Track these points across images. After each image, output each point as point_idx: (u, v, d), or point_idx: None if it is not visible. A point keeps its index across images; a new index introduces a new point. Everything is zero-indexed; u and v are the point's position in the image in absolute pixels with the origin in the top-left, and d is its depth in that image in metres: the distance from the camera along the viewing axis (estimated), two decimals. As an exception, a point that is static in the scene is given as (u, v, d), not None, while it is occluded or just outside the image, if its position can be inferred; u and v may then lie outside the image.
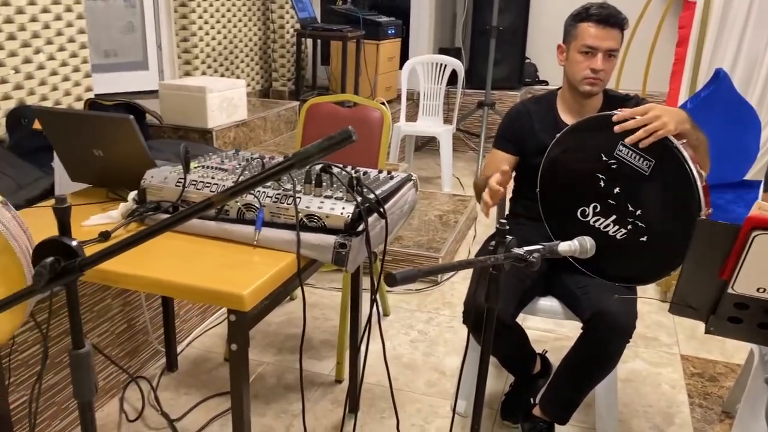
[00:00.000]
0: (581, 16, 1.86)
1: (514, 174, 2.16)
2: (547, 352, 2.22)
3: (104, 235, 1.47)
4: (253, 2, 4.60)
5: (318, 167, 1.53)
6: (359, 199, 1.45)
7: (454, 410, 2.13)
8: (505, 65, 5.32)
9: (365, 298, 2.88)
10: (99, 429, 2.01)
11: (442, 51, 5.57)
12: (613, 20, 1.82)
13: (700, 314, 1.14)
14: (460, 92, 4.57)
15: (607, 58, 1.85)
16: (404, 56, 5.14)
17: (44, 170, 2.48)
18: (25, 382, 1.79)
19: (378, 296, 2.75)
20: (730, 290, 1.05)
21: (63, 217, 0.88)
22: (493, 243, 1.25)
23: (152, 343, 2.32)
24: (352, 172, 1.56)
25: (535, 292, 1.96)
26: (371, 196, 1.49)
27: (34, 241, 1.12)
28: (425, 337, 2.61)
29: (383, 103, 4.66)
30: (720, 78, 2.99)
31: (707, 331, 1.16)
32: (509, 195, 2.20)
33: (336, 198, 1.47)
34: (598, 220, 1.80)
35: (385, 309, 2.76)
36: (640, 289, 1.99)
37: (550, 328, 2.63)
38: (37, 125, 2.59)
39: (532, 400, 2.01)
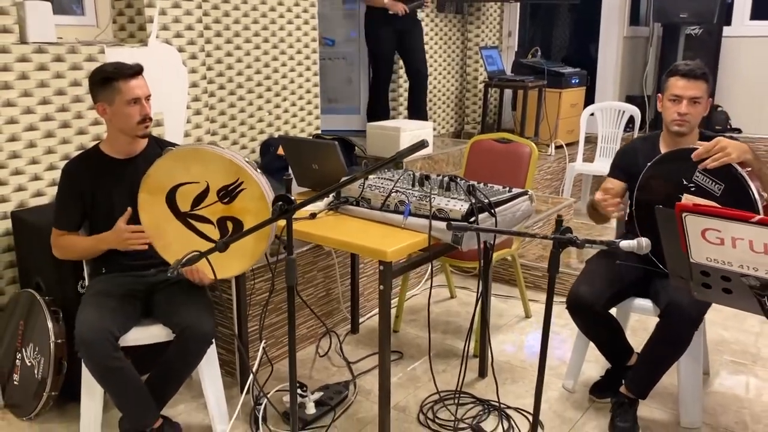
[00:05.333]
0: (671, 72, 2.35)
1: (628, 201, 2.64)
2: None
3: (312, 215, 2.31)
4: (453, 58, 5.45)
5: (447, 178, 2.22)
6: (473, 200, 2.11)
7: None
8: (691, 112, 5.52)
9: (513, 303, 3.48)
10: (299, 361, 2.86)
11: (629, 98, 5.93)
12: (693, 74, 2.27)
13: (687, 283, 1.60)
14: (636, 136, 4.94)
15: (692, 104, 2.29)
16: (590, 102, 5.61)
17: (282, 185, 3.48)
18: (256, 317, 2.69)
19: (521, 301, 3.33)
20: (691, 260, 1.51)
21: (288, 184, 1.68)
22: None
23: (342, 310, 3.16)
24: (474, 182, 2.22)
25: (632, 293, 2.42)
26: (484, 199, 2.15)
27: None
28: (557, 336, 3.11)
29: (560, 146, 5.23)
30: None
31: (695, 297, 1.61)
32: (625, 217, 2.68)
33: (459, 199, 2.14)
34: (679, 233, 2.24)
35: (527, 312, 3.32)
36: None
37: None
38: (279, 152, 3.62)
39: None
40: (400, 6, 4.42)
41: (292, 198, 1.65)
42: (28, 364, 2.41)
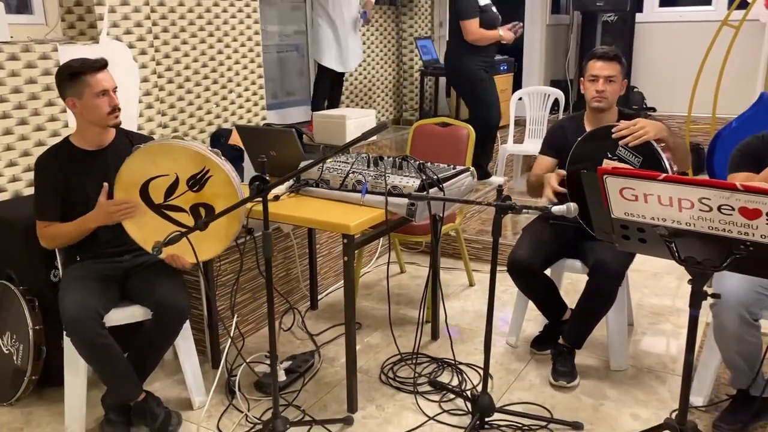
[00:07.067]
0: (589, 56, 2.66)
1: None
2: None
3: (276, 198, 2.50)
4: (389, 49, 5.68)
5: (400, 158, 2.45)
6: (423, 176, 2.35)
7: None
8: (611, 94, 5.97)
9: (457, 274, 3.75)
10: (264, 335, 3.05)
11: (554, 82, 6.32)
12: (607, 56, 2.60)
13: (610, 236, 1.89)
14: (563, 116, 5.32)
15: (608, 83, 2.60)
16: (518, 88, 5.95)
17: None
18: (223, 296, 2.86)
19: (465, 271, 3.61)
20: (612, 216, 1.80)
21: (262, 166, 1.87)
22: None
23: (301, 288, 3.36)
24: (423, 162, 2.46)
25: (564, 254, 2.72)
26: (433, 176, 2.39)
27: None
28: (499, 301, 3.40)
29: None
30: (763, 100, 3.55)
31: (618, 248, 1.91)
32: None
33: (410, 176, 2.38)
34: (603, 200, 2.55)
35: (470, 280, 3.61)
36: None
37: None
38: (231, 141, 3.77)
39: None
40: (511, 34, 4.29)
41: (267, 178, 1.85)
42: (6, 352, 2.51)
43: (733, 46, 4.47)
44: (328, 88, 4.71)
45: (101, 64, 2.27)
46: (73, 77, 2.24)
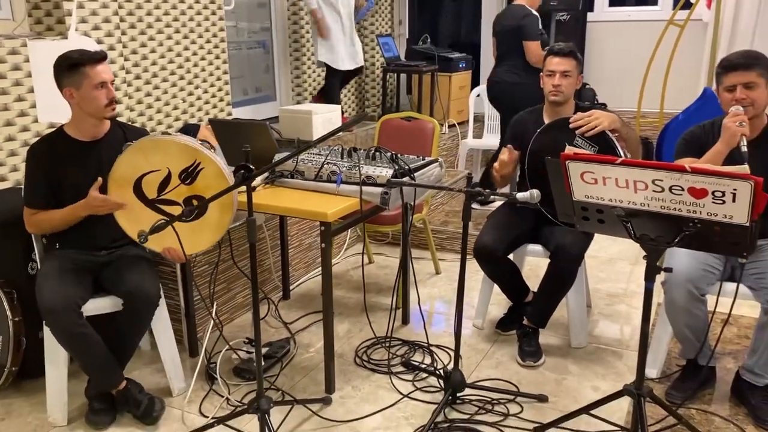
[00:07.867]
0: (547, 53, 2.82)
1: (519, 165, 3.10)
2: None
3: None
4: (350, 45, 5.78)
5: (374, 149, 2.57)
6: (396, 167, 2.47)
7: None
8: (564, 90, 6.19)
9: (424, 263, 3.88)
10: (238, 325, 3.13)
11: (510, 80, 6.51)
12: (563, 52, 2.76)
13: (572, 218, 2.04)
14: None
15: (564, 77, 2.77)
16: (476, 85, 6.13)
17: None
18: (200, 286, 2.93)
19: (431, 261, 3.75)
20: (573, 199, 1.95)
21: (246, 155, 1.96)
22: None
23: (274, 279, 3.44)
24: (395, 153, 2.58)
25: (526, 240, 2.88)
26: (405, 166, 2.51)
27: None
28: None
29: (453, 125, 5.69)
30: (707, 95, 3.79)
31: (579, 229, 2.06)
32: (517, 180, 3.14)
33: (383, 166, 2.50)
34: (562, 187, 2.71)
35: (437, 268, 3.75)
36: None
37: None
38: (199, 137, 3.81)
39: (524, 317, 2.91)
40: None
41: (251, 167, 1.94)
42: (-16, 344, 2.53)
43: (678, 44, 4.73)
44: (339, 91, 4.77)
45: (101, 56, 2.30)
46: (72, 68, 2.26)
